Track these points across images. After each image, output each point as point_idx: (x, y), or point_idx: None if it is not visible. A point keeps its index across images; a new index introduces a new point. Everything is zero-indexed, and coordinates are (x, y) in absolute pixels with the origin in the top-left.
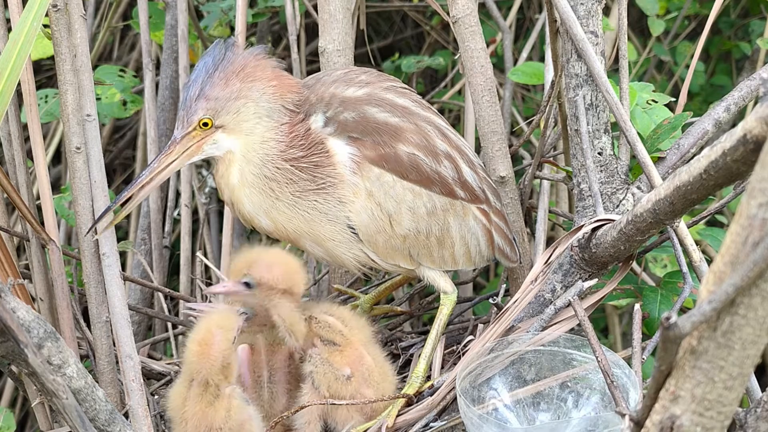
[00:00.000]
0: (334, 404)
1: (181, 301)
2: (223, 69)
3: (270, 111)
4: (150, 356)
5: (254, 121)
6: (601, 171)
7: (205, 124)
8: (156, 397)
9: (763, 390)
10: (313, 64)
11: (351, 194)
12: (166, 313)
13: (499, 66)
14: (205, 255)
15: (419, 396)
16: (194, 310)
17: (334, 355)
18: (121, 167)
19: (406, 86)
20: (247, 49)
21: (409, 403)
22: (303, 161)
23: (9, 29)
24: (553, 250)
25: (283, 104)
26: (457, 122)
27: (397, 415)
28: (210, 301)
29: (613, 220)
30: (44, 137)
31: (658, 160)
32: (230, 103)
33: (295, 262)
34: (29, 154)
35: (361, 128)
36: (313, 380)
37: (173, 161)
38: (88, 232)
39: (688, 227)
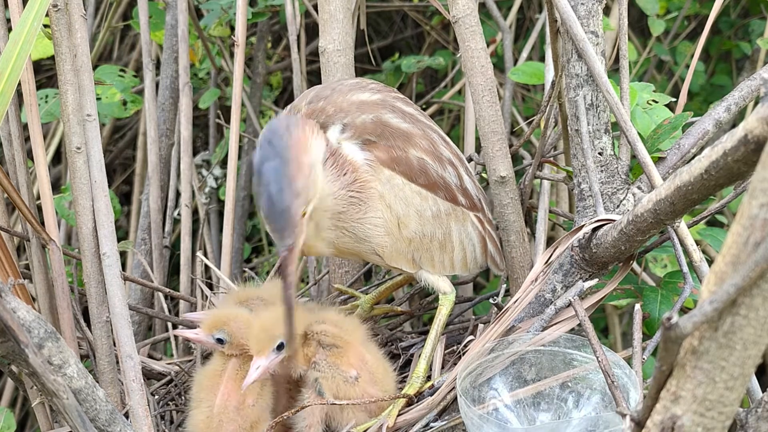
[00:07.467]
0: (335, 404)
1: (181, 301)
2: (290, 158)
3: (319, 154)
4: (150, 356)
5: (320, 173)
6: (602, 171)
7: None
8: (156, 397)
9: (763, 390)
10: (313, 64)
11: (372, 201)
12: (166, 313)
13: (499, 66)
14: (205, 255)
15: (419, 396)
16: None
17: (339, 358)
18: (121, 167)
19: (407, 98)
20: (289, 117)
21: (410, 403)
22: (352, 185)
23: (9, 29)
24: (554, 250)
25: (322, 138)
26: (457, 122)
27: (398, 415)
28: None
29: (614, 220)
30: (44, 137)
31: (658, 160)
32: (309, 179)
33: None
34: (29, 154)
35: (378, 131)
36: (318, 387)
37: (296, 264)
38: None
39: (689, 227)
